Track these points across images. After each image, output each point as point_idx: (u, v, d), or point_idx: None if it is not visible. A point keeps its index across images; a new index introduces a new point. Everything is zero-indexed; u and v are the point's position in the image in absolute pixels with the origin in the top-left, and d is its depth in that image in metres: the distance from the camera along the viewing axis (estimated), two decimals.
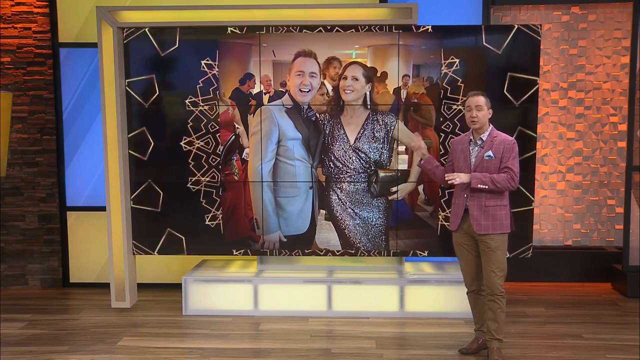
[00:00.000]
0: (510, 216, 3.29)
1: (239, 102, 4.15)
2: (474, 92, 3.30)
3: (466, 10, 4.65)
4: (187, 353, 3.53)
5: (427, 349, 3.55)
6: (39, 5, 4.75)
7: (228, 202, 4.22)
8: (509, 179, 3.17)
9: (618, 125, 5.00)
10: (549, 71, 5.00)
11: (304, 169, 4.18)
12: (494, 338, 3.29)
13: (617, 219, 5.03)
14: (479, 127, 3.24)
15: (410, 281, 4.17)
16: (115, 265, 4.30)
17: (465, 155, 3.29)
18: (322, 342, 3.69)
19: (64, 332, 3.92)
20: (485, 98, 3.24)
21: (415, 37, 4.04)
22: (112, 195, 4.24)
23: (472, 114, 3.22)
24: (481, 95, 3.24)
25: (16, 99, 4.80)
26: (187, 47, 4.10)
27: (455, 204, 3.37)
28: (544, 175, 5.07)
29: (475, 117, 3.21)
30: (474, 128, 3.26)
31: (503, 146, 3.21)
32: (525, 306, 4.38)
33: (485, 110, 3.23)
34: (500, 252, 3.23)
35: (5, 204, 4.92)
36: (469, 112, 3.24)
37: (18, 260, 4.96)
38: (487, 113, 3.24)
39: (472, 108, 3.22)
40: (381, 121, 4.11)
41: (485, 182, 3.16)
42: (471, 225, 3.25)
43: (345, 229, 4.20)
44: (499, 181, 3.15)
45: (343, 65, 4.08)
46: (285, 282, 4.22)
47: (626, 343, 3.64)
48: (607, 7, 4.92)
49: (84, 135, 4.84)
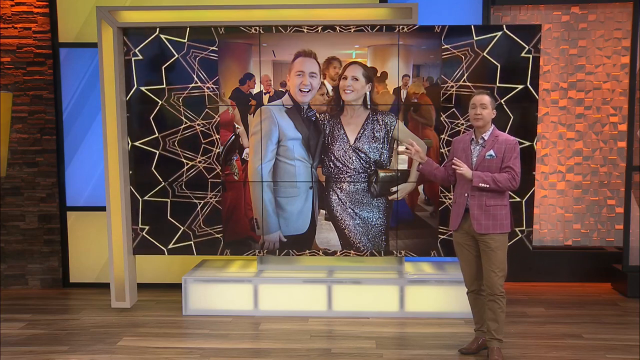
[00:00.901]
0: (511, 216, 3.30)
1: (239, 102, 4.15)
2: (480, 91, 3.34)
3: (466, 10, 4.65)
4: (187, 353, 3.53)
5: (427, 349, 3.55)
6: (39, 5, 4.75)
7: (228, 202, 4.22)
8: (510, 179, 3.17)
9: (618, 125, 5.00)
10: (549, 71, 5.00)
11: (304, 169, 4.18)
12: (494, 338, 3.29)
13: (617, 219, 5.03)
14: (482, 126, 3.25)
15: (410, 281, 4.17)
16: (115, 265, 4.30)
17: (466, 154, 3.29)
18: (322, 342, 3.69)
19: (64, 332, 3.92)
20: (490, 97, 3.27)
21: (415, 37, 4.04)
22: (112, 195, 4.24)
23: (477, 111, 3.23)
24: (486, 94, 3.27)
25: (16, 99, 4.80)
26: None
27: (455, 204, 3.37)
28: (544, 175, 5.07)
29: (479, 114, 3.22)
30: (478, 126, 3.27)
31: (505, 146, 3.21)
32: (525, 306, 4.38)
33: (490, 109, 3.24)
34: (500, 252, 3.24)
35: (5, 204, 4.92)
36: (474, 109, 3.25)
37: (18, 260, 4.96)
38: (491, 112, 3.25)
39: (477, 106, 3.24)
40: (381, 121, 4.11)
41: (487, 181, 3.16)
42: (472, 225, 3.25)
43: (345, 229, 4.20)
44: (500, 180, 3.16)
45: (343, 65, 4.08)
46: (285, 282, 4.22)
47: (626, 343, 3.64)
48: (607, 7, 4.92)
49: (84, 135, 4.84)
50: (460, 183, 3.33)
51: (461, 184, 3.32)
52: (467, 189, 3.26)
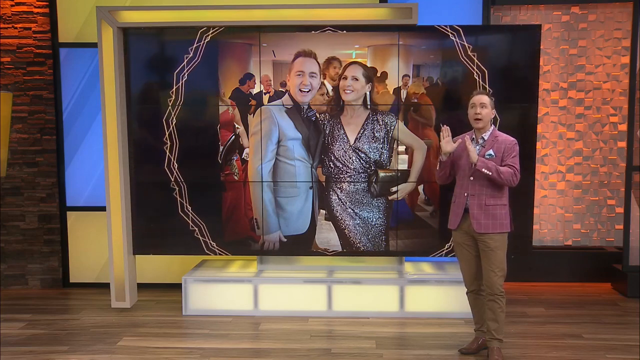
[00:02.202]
0: (510, 216, 3.29)
1: (239, 102, 4.15)
2: (479, 91, 3.34)
3: (466, 10, 4.65)
4: (187, 353, 3.53)
5: (427, 349, 3.55)
6: (39, 5, 4.75)
7: (228, 202, 4.22)
8: (512, 174, 3.16)
9: (618, 125, 5.00)
10: (549, 71, 5.00)
11: (304, 169, 4.18)
12: (494, 338, 3.29)
13: (617, 219, 5.03)
14: (482, 126, 3.25)
15: (410, 281, 4.17)
16: (115, 265, 4.30)
17: (466, 154, 3.27)
18: (322, 342, 3.69)
19: (64, 332, 3.92)
20: (489, 97, 3.26)
21: (415, 37, 4.04)
22: (112, 195, 4.24)
23: (477, 110, 3.22)
24: (485, 95, 3.26)
25: (16, 99, 4.80)
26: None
27: (455, 203, 3.36)
28: (544, 175, 5.07)
29: (479, 114, 3.22)
30: (477, 127, 3.26)
31: (504, 146, 3.22)
32: (525, 306, 4.37)
33: (489, 108, 3.24)
34: (500, 252, 3.23)
35: (5, 204, 4.92)
36: (473, 109, 3.24)
37: (18, 260, 4.96)
38: (490, 112, 3.24)
39: (477, 105, 3.23)
40: (381, 121, 4.11)
41: (490, 168, 3.14)
42: (471, 225, 3.25)
43: (345, 229, 4.20)
44: (502, 172, 3.15)
45: (343, 65, 4.08)
46: (285, 282, 4.22)
47: (626, 343, 3.64)
48: (607, 7, 4.92)
49: (84, 135, 4.84)
50: (460, 182, 3.33)
51: (461, 184, 3.31)
52: (467, 189, 3.26)
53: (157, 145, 4.19)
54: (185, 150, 4.19)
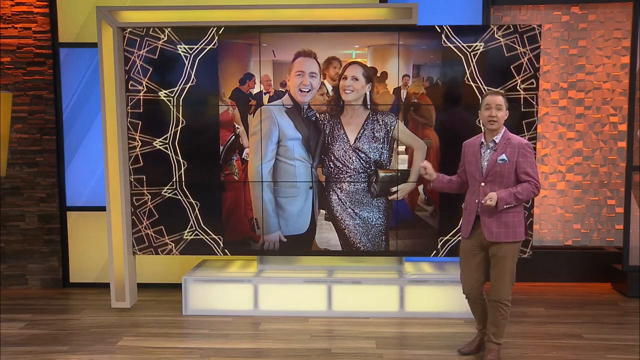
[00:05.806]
0: (525, 223, 3.16)
1: (239, 102, 4.15)
2: (494, 91, 3.16)
3: (466, 10, 4.65)
4: (187, 353, 3.53)
5: (427, 349, 3.55)
6: (39, 5, 4.75)
7: (228, 202, 4.22)
8: (531, 189, 3.04)
9: (618, 125, 5.00)
10: (549, 71, 5.00)
11: (304, 169, 4.18)
12: (492, 341, 3.26)
13: (617, 219, 5.03)
14: (496, 128, 3.09)
15: (410, 281, 4.17)
16: (115, 265, 4.30)
17: (476, 159, 3.16)
18: (322, 342, 3.69)
19: (64, 332, 3.92)
20: (504, 98, 3.10)
21: (415, 37, 4.04)
22: (112, 195, 4.24)
23: (492, 112, 3.06)
24: (501, 95, 3.10)
25: (16, 99, 4.80)
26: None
27: (466, 210, 3.24)
28: (544, 175, 5.07)
29: (494, 116, 3.05)
30: (492, 128, 3.09)
31: (518, 150, 3.06)
32: (525, 306, 4.37)
33: (504, 110, 3.09)
34: (510, 261, 3.11)
35: (5, 204, 4.92)
36: (488, 110, 3.07)
37: (18, 260, 4.96)
38: (505, 114, 3.09)
39: (492, 107, 3.06)
40: (381, 121, 4.11)
41: (510, 202, 3.02)
42: (482, 233, 3.12)
43: (345, 229, 4.20)
44: (521, 193, 3.02)
45: (343, 65, 4.08)
46: (285, 282, 4.22)
47: (626, 343, 3.64)
48: (607, 7, 4.92)
49: (84, 135, 4.84)
50: (471, 189, 3.21)
51: (472, 190, 3.20)
52: (479, 195, 3.13)
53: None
54: (185, 150, 4.19)
